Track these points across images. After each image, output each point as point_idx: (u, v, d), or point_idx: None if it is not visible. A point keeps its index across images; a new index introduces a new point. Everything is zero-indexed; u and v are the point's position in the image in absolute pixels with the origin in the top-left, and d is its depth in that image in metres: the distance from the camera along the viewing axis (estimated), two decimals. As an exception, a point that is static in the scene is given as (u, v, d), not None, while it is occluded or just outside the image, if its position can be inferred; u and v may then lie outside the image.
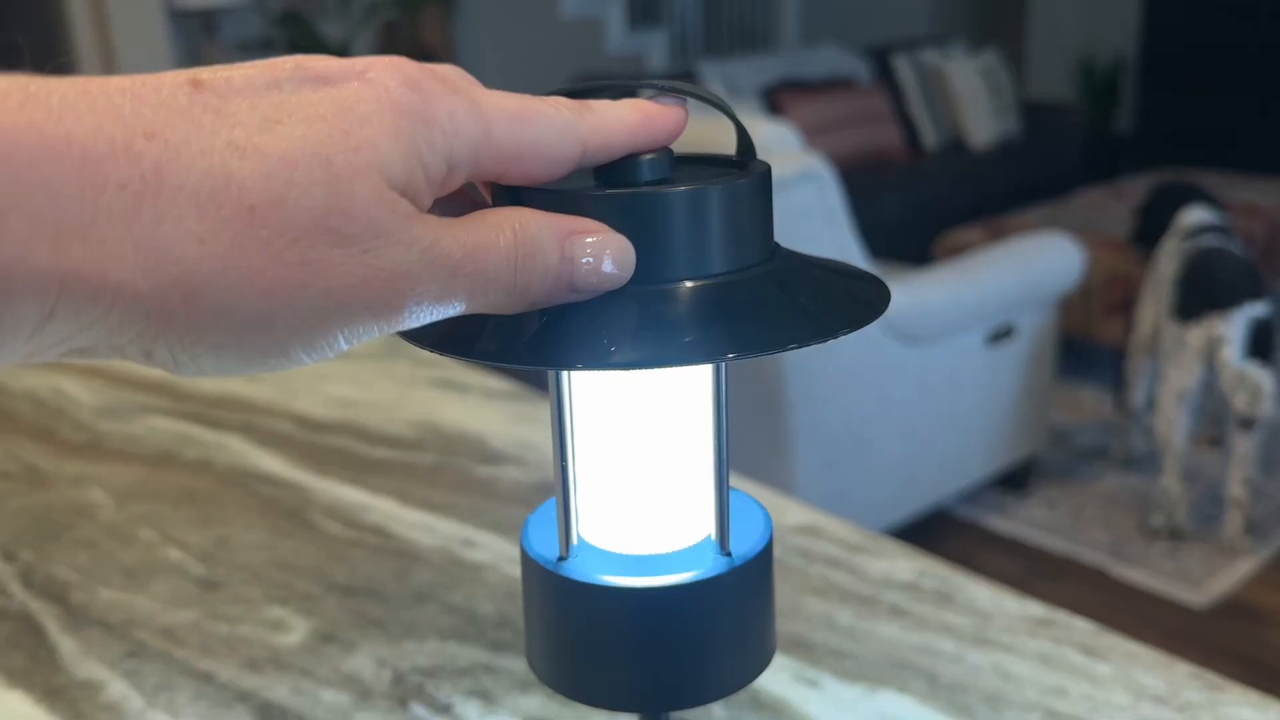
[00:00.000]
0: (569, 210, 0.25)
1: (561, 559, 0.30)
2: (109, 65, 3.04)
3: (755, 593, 0.31)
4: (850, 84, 4.18)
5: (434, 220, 0.24)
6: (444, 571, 0.65)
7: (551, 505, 0.33)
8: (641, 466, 0.30)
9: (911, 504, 2.22)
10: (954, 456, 2.26)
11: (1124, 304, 2.76)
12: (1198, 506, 2.39)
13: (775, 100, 3.90)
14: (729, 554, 0.30)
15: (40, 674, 0.57)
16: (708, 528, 0.31)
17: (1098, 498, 2.48)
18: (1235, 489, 2.23)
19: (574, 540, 0.30)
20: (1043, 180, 4.28)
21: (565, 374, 0.29)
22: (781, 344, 0.24)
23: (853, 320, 0.26)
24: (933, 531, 2.35)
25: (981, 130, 4.32)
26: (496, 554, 0.67)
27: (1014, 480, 2.50)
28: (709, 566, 0.30)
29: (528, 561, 0.31)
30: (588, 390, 0.30)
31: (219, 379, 0.23)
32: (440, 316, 0.24)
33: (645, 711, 0.31)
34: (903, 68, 4.32)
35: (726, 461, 0.29)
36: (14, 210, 0.19)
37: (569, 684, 0.31)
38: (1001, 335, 2.23)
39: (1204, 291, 2.15)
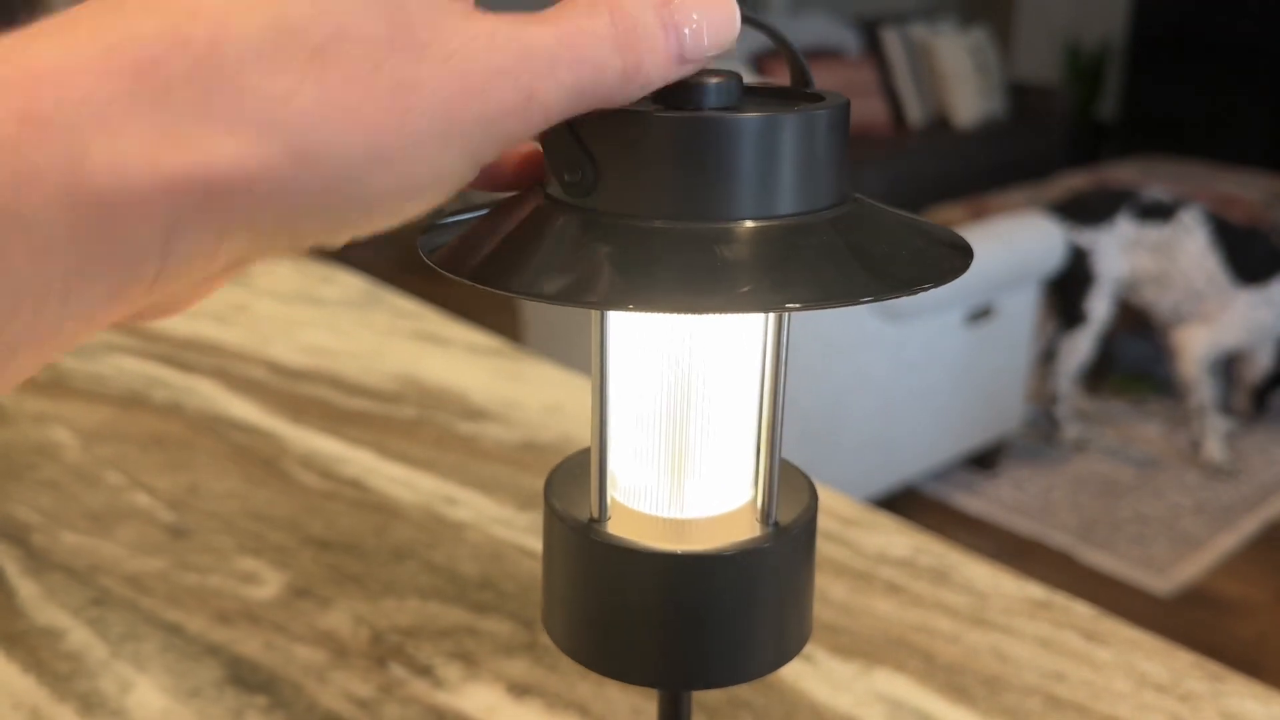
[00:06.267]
0: (626, 131, 0.23)
1: (594, 520, 0.28)
2: None
3: (799, 565, 0.28)
4: (838, 55, 4.15)
5: (510, 16, 0.22)
6: (425, 529, 0.63)
7: (574, 461, 0.31)
8: (685, 423, 0.28)
9: (882, 480, 2.21)
10: (927, 434, 2.26)
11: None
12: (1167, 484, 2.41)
13: (763, 68, 3.86)
14: (775, 523, 0.28)
15: (-2, 619, 0.54)
16: (750, 493, 0.29)
17: (1067, 480, 2.49)
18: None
19: (608, 501, 0.28)
20: (1025, 162, 4.28)
21: (609, 317, 0.27)
22: (851, 296, 0.22)
23: (932, 276, 0.23)
24: (901, 509, 2.35)
25: (967, 108, 4.30)
26: (479, 513, 0.64)
27: (984, 460, 2.50)
28: (753, 535, 0.27)
29: (554, 521, 0.28)
30: (629, 337, 0.27)
31: (365, 233, 0.22)
32: (563, 115, 0.23)
33: (669, 688, 0.29)
34: (891, 41, 4.29)
35: (781, 422, 0.27)
36: (92, 136, 0.18)
37: (590, 653, 0.28)
38: (980, 315, 2.23)
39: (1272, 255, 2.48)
